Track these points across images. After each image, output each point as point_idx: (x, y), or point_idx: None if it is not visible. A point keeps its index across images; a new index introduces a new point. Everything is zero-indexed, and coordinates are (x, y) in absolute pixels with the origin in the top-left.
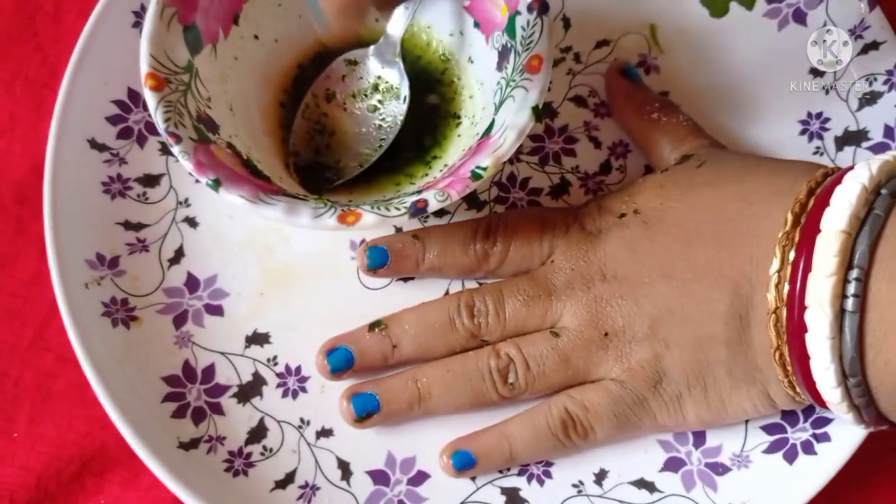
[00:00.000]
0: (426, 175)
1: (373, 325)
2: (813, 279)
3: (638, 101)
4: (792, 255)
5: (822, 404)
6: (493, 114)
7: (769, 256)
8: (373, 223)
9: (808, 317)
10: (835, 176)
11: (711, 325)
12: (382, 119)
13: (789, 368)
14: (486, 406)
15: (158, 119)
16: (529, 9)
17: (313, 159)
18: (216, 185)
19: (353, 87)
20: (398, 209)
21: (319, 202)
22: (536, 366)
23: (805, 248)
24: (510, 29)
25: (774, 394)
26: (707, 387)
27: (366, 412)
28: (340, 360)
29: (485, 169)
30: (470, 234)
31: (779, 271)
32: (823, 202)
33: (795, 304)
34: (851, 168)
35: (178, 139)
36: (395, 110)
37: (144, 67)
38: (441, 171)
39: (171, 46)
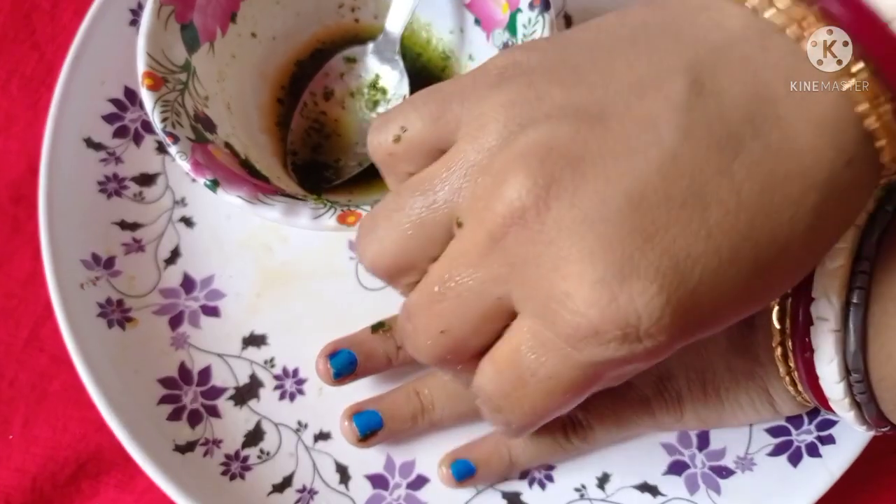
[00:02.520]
0: None
1: (375, 327)
2: (820, 270)
3: None
4: None
5: (823, 401)
6: None
7: None
8: None
9: (814, 309)
10: None
11: None
12: None
13: (791, 364)
14: None
15: (156, 119)
16: (531, 6)
17: (312, 158)
18: (214, 185)
19: (352, 84)
20: None
21: (319, 202)
22: None
23: None
24: (511, 26)
25: (774, 390)
26: (706, 381)
27: (369, 430)
28: (344, 364)
29: None
30: None
31: None
32: None
33: (801, 297)
34: None
35: (176, 139)
36: None
37: (141, 66)
38: None
39: (168, 45)
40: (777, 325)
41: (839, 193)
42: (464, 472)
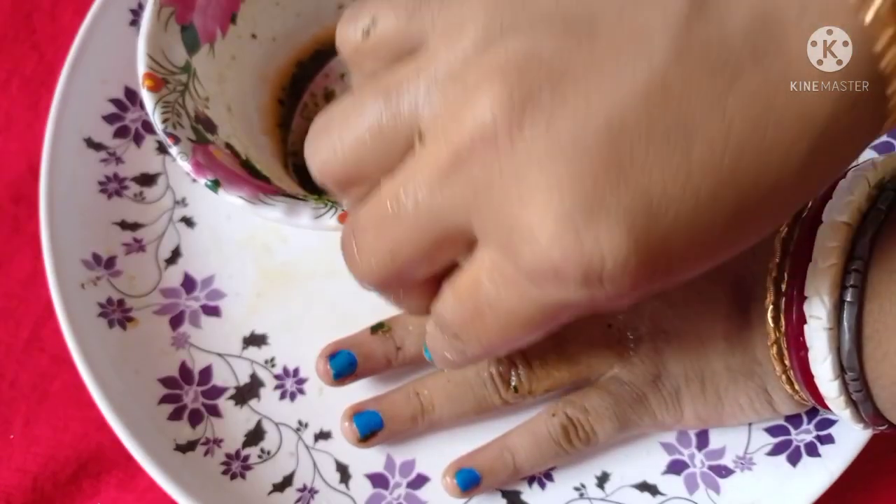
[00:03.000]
0: None
1: (375, 328)
2: (812, 269)
3: None
4: (791, 246)
5: (820, 400)
6: None
7: (771, 252)
8: None
9: (807, 307)
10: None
11: (712, 320)
12: None
13: (787, 363)
14: (490, 412)
15: (157, 120)
16: None
17: None
18: (215, 185)
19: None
20: None
21: (320, 202)
22: (540, 366)
23: (805, 239)
24: None
25: (772, 389)
26: (705, 380)
27: (370, 430)
28: (343, 365)
29: None
30: None
31: (778, 263)
32: (825, 196)
33: (794, 295)
34: (855, 165)
35: (177, 140)
36: None
37: (142, 68)
38: None
39: (168, 46)
40: (771, 324)
41: (837, 136)
42: (469, 480)
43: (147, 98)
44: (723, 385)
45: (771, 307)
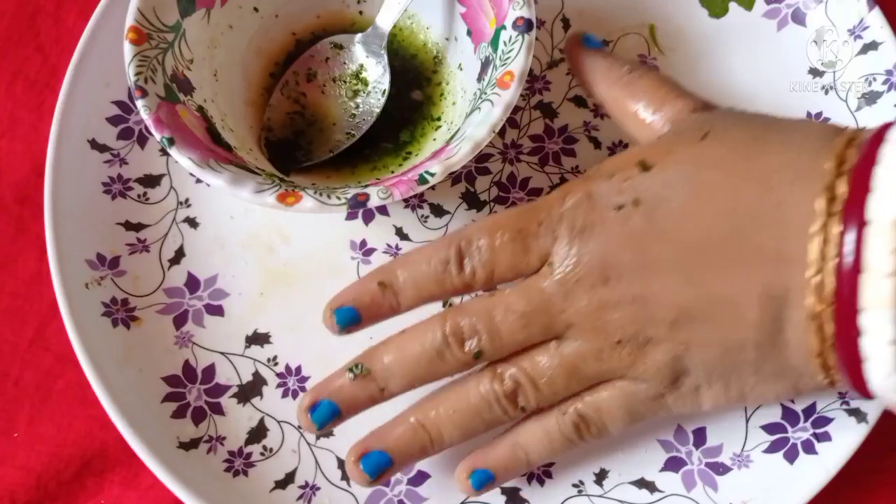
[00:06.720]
0: (399, 168)
1: (352, 370)
2: (867, 279)
3: (603, 68)
4: (833, 251)
5: (867, 396)
6: (461, 122)
7: (801, 252)
8: (310, 208)
9: (864, 320)
10: (864, 151)
11: (740, 331)
12: (359, 109)
13: (833, 371)
14: (499, 425)
15: (130, 72)
16: (514, 25)
17: (286, 137)
18: (170, 143)
19: (336, 71)
20: (339, 199)
21: (268, 179)
22: (547, 386)
23: (848, 243)
24: (494, 42)
25: (804, 386)
26: (730, 383)
27: (380, 471)
28: (326, 415)
29: (432, 175)
30: (441, 268)
31: (818, 272)
32: (863, 186)
33: (845, 308)
34: (880, 138)
35: (144, 93)
36: (373, 102)
37: (129, 20)
38: None
39: (161, 5)
40: (815, 337)
41: None
42: (483, 480)
43: (126, 50)
44: (749, 386)
45: (814, 321)
